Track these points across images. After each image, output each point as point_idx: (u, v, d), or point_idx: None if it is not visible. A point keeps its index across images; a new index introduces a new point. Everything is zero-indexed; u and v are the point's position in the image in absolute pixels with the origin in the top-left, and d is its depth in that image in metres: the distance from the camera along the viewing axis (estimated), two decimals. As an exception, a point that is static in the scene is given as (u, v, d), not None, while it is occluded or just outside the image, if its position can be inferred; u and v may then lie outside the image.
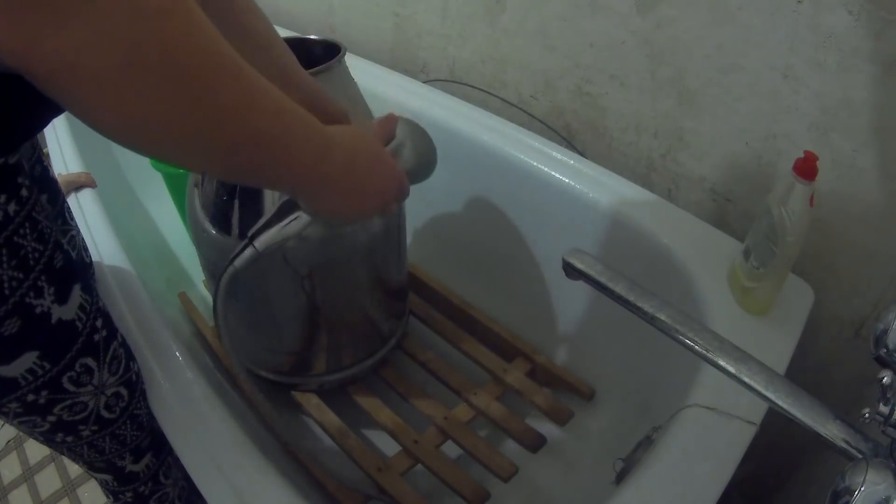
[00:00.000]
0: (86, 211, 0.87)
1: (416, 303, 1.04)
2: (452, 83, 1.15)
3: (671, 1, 0.77)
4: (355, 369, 0.89)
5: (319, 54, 0.75)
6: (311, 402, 0.90)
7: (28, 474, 1.16)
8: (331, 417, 0.88)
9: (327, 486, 0.79)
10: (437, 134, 1.01)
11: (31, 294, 0.47)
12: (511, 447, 0.83)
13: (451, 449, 0.84)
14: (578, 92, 0.96)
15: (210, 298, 1.11)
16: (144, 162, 1.12)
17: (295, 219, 0.52)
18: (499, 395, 0.89)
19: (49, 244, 0.49)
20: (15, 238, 0.45)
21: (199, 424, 0.63)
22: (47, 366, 0.51)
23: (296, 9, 1.40)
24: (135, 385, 0.63)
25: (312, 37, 0.77)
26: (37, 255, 0.47)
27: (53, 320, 0.50)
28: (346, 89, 0.71)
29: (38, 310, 0.48)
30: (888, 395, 0.37)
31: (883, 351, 0.38)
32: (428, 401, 0.89)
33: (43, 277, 0.48)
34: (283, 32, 1.44)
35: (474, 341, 0.96)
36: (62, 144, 1.01)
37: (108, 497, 0.76)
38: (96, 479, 0.72)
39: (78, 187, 0.91)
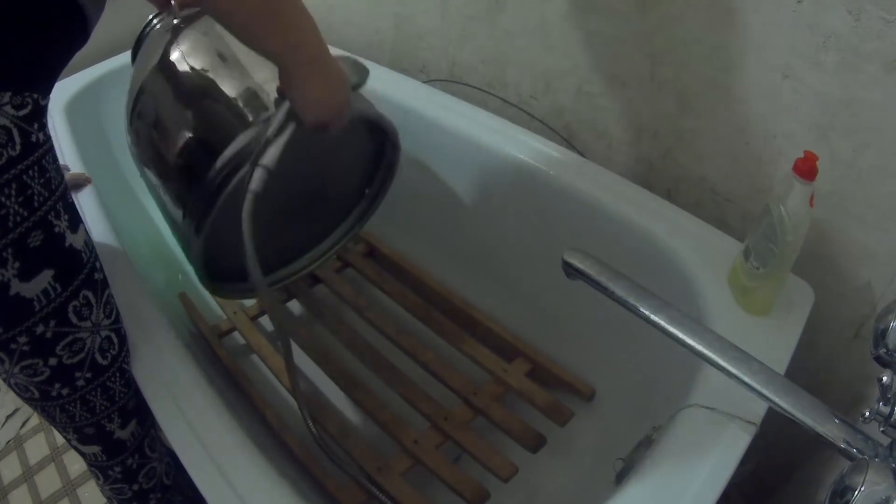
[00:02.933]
0: (86, 210, 0.87)
1: (416, 303, 1.04)
2: (452, 83, 1.15)
3: (671, 1, 0.77)
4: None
5: None
6: (312, 402, 0.90)
7: (28, 474, 1.16)
8: (331, 417, 0.88)
9: (327, 486, 0.79)
10: (437, 134, 1.02)
11: (52, 214, 0.54)
12: (511, 447, 0.83)
13: (451, 449, 0.84)
14: (578, 92, 0.96)
15: (212, 298, 1.10)
16: (144, 162, 1.12)
17: (286, 127, 0.56)
18: (499, 395, 0.89)
19: (62, 179, 0.56)
20: (42, 161, 0.53)
21: (199, 424, 0.63)
22: (59, 288, 0.56)
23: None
24: (124, 339, 0.68)
25: None
26: (56, 182, 0.55)
27: (66, 243, 0.56)
28: None
29: (57, 229, 0.55)
30: (888, 395, 0.37)
31: (883, 351, 0.38)
32: (428, 401, 0.89)
33: (60, 203, 0.55)
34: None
35: (474, 341, 0.96)
36: (62, 144, 1.01)
37: (98, 479, 0.77)
38: (85, 456, 0.74)
39: (75, 186, 0.91)
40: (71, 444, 0.73)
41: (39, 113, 0.52)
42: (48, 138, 0.54)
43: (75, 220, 0.58)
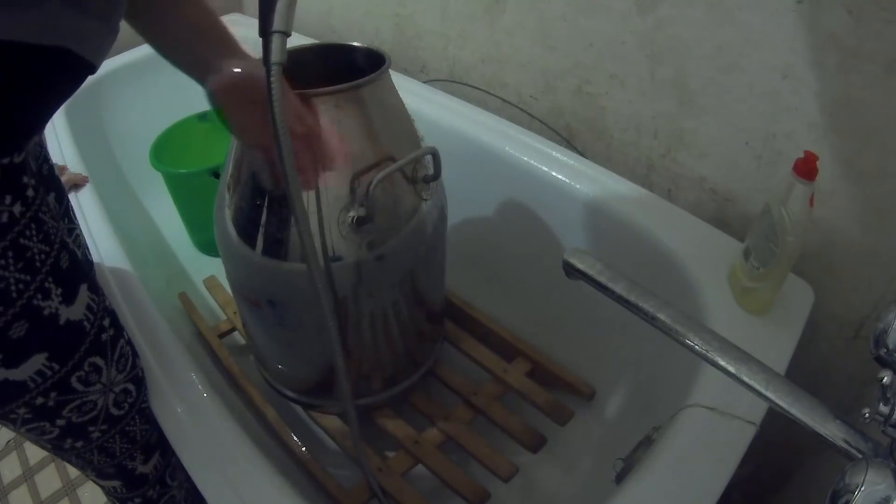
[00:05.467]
0: (86, 211, 0.87)
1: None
2: (452, 83, 1.15)
3: (671, 1, 0.77)
4: (384, 394, 0.86)
5: (362, 63, 0.73)
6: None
7: (28, 474, 1.16)
8: (331, 418, 0.88)
9: (327, 486, 0.79)
10: (437, 134, 1.02)
11: (39, 296, 0.47)
12: (511, 447, 0.83)
13: (451, 449, 0.84)
14: (578, 92, 0.96)
15: (212, 298, 1.11)
16: (144, 162, 1.12)
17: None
18: (499, 395, 0.89)
19: (55, 245, 0.49)
20: (21, 240, 0.45)
21: (200, 425, 0.63)
22: (56, 367, 0.51)
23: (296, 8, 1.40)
24: (141, 381, 0.64)
25: (355, 44, 0.74)
26: (43, 256, 0.47)
27: (61, 321, 0.50)
28: (387, 99, 0.69)
29: (46, 311, 0.48)
30: (888, 395, 0.37)
31: (883, 351, 0.38)
32: (428, 401, 0.89)
33: (50, 279, 0.48)
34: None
35: (474, 341, 0.96)
36: (62, 144, 1.01)
37: None
38: (103, 487, 0.72)
39: (72, 186, 0.91)
40: (89, 478, 0.70)
41: (14, 176, 0.43)
42: (29, 205, 0.45)
43: (72, 290, 0.51)
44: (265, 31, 0.47)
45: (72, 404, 0.55)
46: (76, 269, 0.52)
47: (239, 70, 0.52)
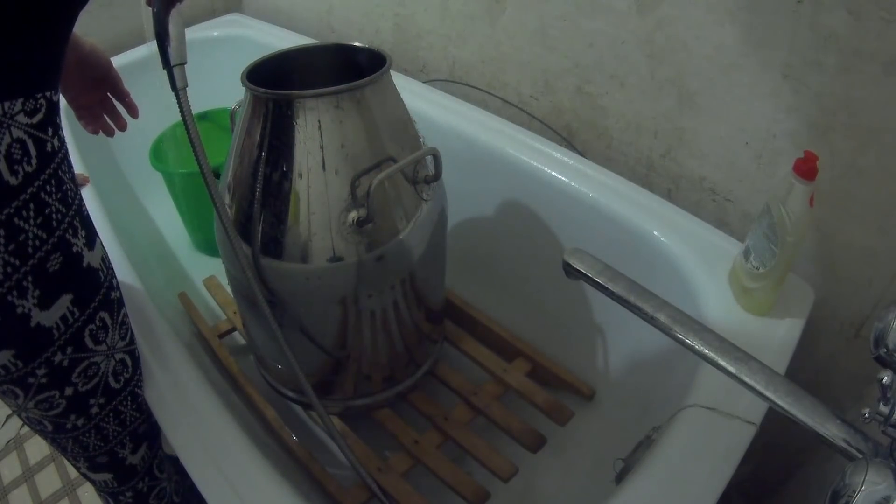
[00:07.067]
0: (86, 211, 0.87)
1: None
2: (452, 83, 1.15)
3: (671, 1, 0.77)
4: (384, 395, 0.86)
5: (363, 63, 0.73)
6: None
7: (28, 474, 1.16)
8: (331, 418, 0.88)
9: (327, 486, 0.79)
10: (437, 134, 1.02)
11: (70, 231, 0.50)
12: (511, 447, 0.83)
13: (451, 449, 0.84)
14: (578, 92, 0.96)
15: (212, 298, 1.11)
16: (144, 162, 1.12)
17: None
18: (499, 395, 0.89)
19: (77, 189, 0.52)
20: (59, 172, 0.48)
21: (199, 424, 0.63)
22: (77, 312, 0.53)
23: (296, 9, 1.41)
24: (137, 360, 0.66)
25: (356, 44, 0.75)
26: (71, 194, 0.50)
27: (84, 263, 0.52)
28: (388, 100, 0.69)
29: (74, 248, 0.51)
30: (888, 395, 0.37)
31: (883, 351, 0.38)
32: (428, 401, 0.89)
33: (76, 218, 0.51)
34: (284, 33, 1.43)
35: (474, 341, 0.96)
36: (62, 144, 1.01)
37: (107, 503, 0.76)
38: (95, 482, 0.73)
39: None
40: (80, 472, 0.71)
41: (53, 113, 0.47)
42: (63, 142, 0.49)
43: (91, 236, 0.54)
44: (167, 65, 0.55)
45: (81, 365, 0.57)
46: (91, 223, 0.55)
47: (78, 53, 0.67)
